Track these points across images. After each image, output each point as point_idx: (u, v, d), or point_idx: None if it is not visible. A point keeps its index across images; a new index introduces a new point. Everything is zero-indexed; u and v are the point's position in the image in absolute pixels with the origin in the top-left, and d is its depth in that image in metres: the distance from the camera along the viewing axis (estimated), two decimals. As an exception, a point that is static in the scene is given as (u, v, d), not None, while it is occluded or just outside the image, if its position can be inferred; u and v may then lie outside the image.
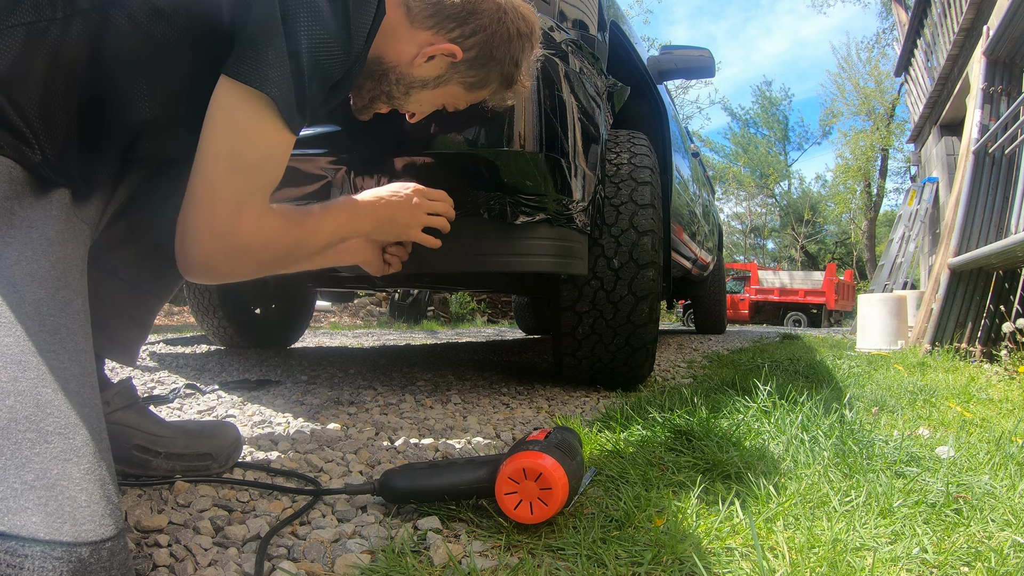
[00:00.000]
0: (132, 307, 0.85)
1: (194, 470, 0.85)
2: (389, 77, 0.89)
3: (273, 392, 1.59)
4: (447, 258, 1.36)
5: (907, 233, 7.08)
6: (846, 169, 22.70)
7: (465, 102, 0.99)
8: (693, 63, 2.55)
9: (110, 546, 0.46)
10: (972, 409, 1.54)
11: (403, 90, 0.91)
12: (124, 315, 0.85)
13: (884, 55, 20.81)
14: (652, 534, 0.67)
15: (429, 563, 0.61)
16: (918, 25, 6.70)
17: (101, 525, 0.46)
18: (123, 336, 0.85)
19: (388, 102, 0.93)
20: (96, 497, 0.47)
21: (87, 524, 0.46)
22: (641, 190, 1.64)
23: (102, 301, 0.82)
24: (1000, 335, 2.65)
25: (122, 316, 0.84)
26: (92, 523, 0.46)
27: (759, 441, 1.04)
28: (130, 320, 0.85)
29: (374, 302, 7.97)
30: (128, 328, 0.86)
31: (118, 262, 0.83)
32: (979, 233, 3.12)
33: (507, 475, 0.68)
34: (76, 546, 0.44)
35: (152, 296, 0.88)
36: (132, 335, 0.86)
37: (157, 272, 0.87)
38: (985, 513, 0.74)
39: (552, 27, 1.33)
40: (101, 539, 0.46)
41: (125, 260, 0.83)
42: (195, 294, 2.57)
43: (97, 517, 0.47)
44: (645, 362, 1.71)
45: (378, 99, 0.92)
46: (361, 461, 0.98)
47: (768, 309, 17.77)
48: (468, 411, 1.42)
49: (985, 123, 3.34)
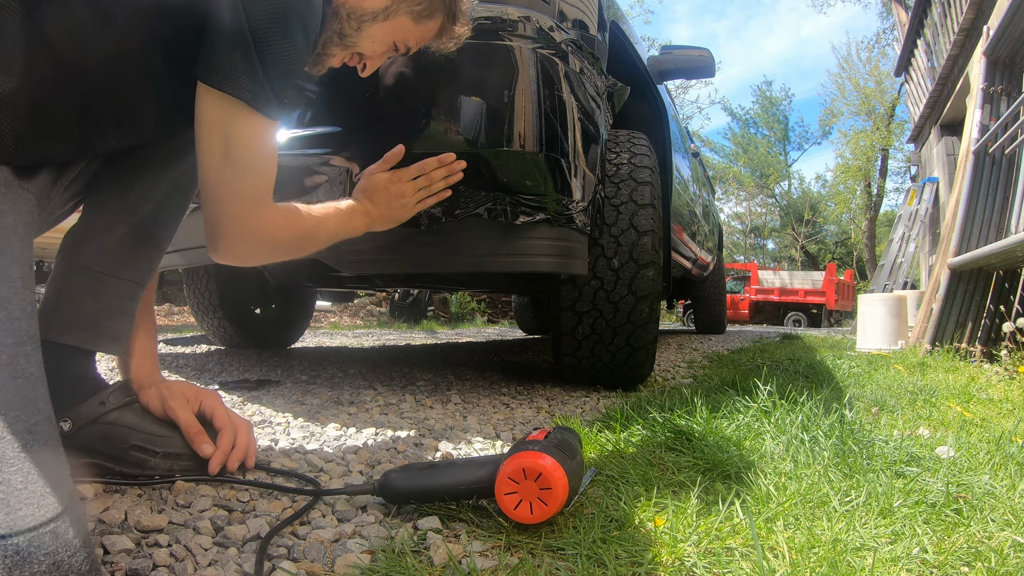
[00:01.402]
0: (114, 297, 0.85)
1: (193, 469, 0.85)
2: (340, 13, 0.90)
3: (273, 392, 1.59)
4: (447, 258, 1.37)
5: (907, 233, 7.09)
6: (846, 169, 22.72)
7: (415, 39, 1.00)
8: (693, 63, 2.55)
9: (53, 527, 0.43)
10: (972, 409, 1.54)
11: (355, 26, 0.92)
12: (106, 306, 0.84)
13: (884, 55, 20.84)
14: (652, 534, 0.67)
15: (429, 563, 0.61)
16: (918, 25, 6.70)
17: (41, 507, 0.43)
18: (110, 327, 0.85)
19: (341, 42, 0.93)
20: (34, 476, 0.44)
21: (24, 509, 0.42)
22: (641, 190, 1.64)
23: (82, 296, 0.82)
24: (1000, 335, 2.65)
25: (104, 307, 0.84)
26: (30, 506, 0.43)
27: (759, 441, 1.04)
28: (114, 310, 0.85)
29: (374, 302, 7.97)
30: (113, 319, 0.85)
31: (91, 256, 0.83)
32: (979, 233, 3.12)
33: (507, 475, 0.68)
34: (10, 537, 0.41)
35: (132, 283, 0.87)
36: (118, 324, 0.86)
37: (133, 259, 0.86)
38: (985, 513, 0.74)
39: (552, 27, 1.33)
40: (41, 522, 0.43)
41: (98, 252, 0.83)
42: (195, 294, 2.57)
43: (36, 498, 0.43)
44: (645, 362, 1.71)
45: (331, 41, 0.92)
46: (361, 461, 0.98)
47: (768, 309, 17.78)
48: (468, 411, 1.42)
49: (985, 123, 3.34)
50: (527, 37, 1.28)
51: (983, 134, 3.26)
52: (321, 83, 1.29)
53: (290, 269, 2.34)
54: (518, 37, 1.27)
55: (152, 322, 0.96)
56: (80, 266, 0.83)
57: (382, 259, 1.39)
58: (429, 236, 1.33)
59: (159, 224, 0.89)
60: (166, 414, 0.88)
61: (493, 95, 1.24)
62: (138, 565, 0.58)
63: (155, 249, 0.89)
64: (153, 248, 0.89)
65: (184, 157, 0.88)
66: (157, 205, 0.88)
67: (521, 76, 1.26)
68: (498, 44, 1.26)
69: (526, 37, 1.28)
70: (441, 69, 1.24)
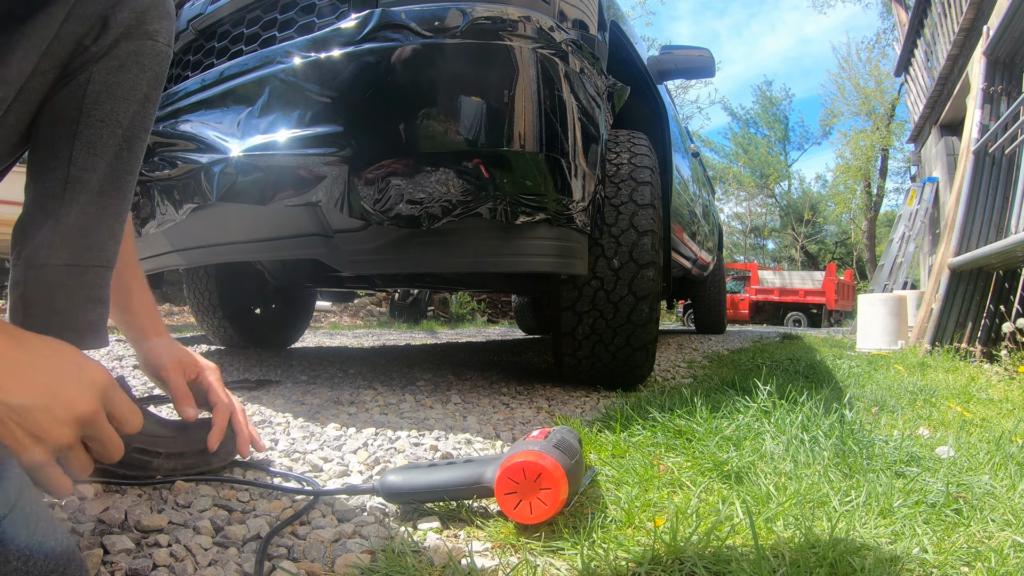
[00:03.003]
0: (82, 287, 0.78)
1: (195, 467, 0.85)
2: None
3: (273, 392, 1.59)
4: (447, 258, 1.37)
5: (907, 233, 7.09)
6: (846, 169, 22.72)
7: None
8: (693, 63, 2.55)
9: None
10: (972, 409, 1.54)
11: None
12: (77, 299, 0.78)
13: (884, 55, 20.85)
14: (652, 534, 0.67)
15: (429, 563, 0.61)
16: (918, 25, 6.71)
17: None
18: (86, 320, 0.80)
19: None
20: None
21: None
22: (641, 190, 1.64)
23: (48, 297, 0.77)
24: (1000, 335, 2.65)
25: (76, 302, 0.78)
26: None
27: (759, 441, 1.04)
28: (87, 300, 0.79)
29: (374, 302, 7.97)
30: (88, 310, 0.80)
31: (46, 250, 0.76)
32: (979, 233, 3.12)
33: (507, 475, 0.68)
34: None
35: (99, 268, 0.80)
36: (94, 316, 0.81)
37: (91, 240, 0.78)
38: (985, 513, 0.74)
39: (552, 27, 1.33)
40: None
41: (51, 243, 0.76)
42: (195, 294, 2.57)
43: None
44: (645, 362, 1.71)
45: None
46: (361, 461, 0.98)
47: (768, 309, 17.79)
48: (468, 411, 1.42)
49: (985, 123, 3.34)
50: (527, 37, 1.28)
51: (983, 134, 3.26)
52: (321, 83, 1.29)
53: (290, 269, 2.34)
54: (518, 37, 1.27)
55: (140, 274, 0.92)
56: (37, 265, 0.76)
57: (382, 259, 1.40)
58: (429, 236, 1.33)
59: (111, 192, 0.79)
60: (158, 373, 0.87)
61: (493, 95, 1.24)
62: (138, 565, 0.58)
63: (115, 221, 0.80)
64: (112, 221, 0.80)
65: (121, 104, 0.77)
66: (105, 172, 0.77)
67: (521, 76, 1.26)
68: (498, 44, 1.26)
69: (526, 37, 1.28)
70: (441, 69, 1.24)
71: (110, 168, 0.78)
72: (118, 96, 0.78)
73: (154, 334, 0.90)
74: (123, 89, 0.78)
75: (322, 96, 1.28)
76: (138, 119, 0.80)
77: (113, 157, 0.78)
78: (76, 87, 0.76)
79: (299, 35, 1.39)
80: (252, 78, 1.37)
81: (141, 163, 0.83)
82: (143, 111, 0.81)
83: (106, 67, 0.77)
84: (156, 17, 0.81)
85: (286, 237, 1.51)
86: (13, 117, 0.74)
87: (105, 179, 0.78)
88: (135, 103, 0.79)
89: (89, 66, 0.77)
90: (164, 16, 0.83)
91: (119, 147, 0.79)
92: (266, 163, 1.29)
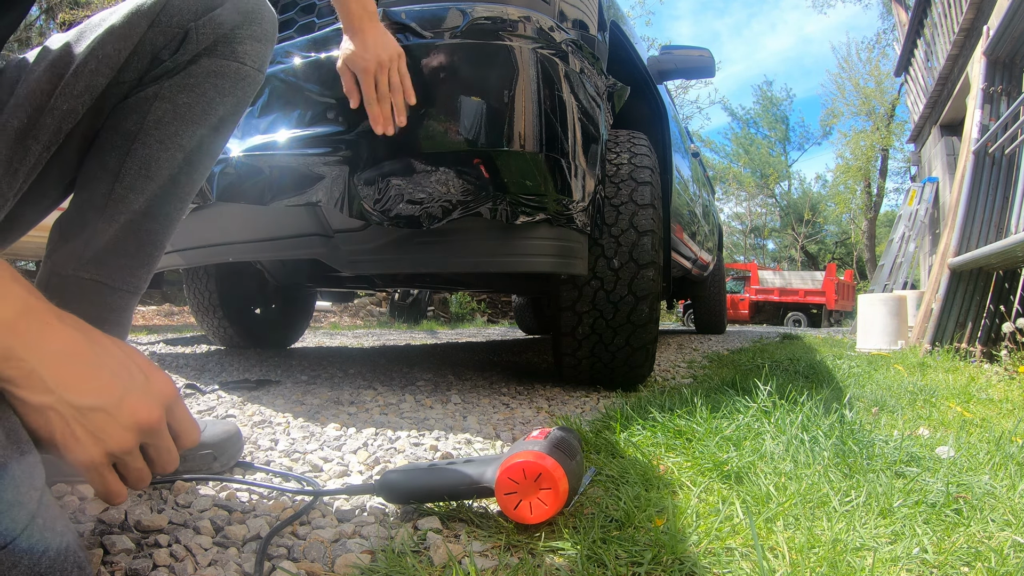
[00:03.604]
0: (104, 309, 0.73)
1: (196, 469, 0.85)
2: None
3: (273, 392, 1.59)
4: (447, 258, 1.37)
5: (907, 233, 7.09)
6: (846, 169, 22.73)
7: None
8: (693, 63, 2.55)
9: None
10: (972, 409, 1.54)
11: None
12: (96, 319, 0.72)
13: (884, 55, 20.86)
14: (652, 534, 0.67)
15: (429, 563, 0.61)
16: (918, 25, 6.71)
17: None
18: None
19: None
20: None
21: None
22: (641, 190, 1.64)
23: (65, 309, 0.72)
24: (1000, 335, 2.65)
25: (94, 320, 0.70)
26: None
27: (759, 441, 1.04)
28: (102, 323, 0.72)
29: (374, 302, 7.98)
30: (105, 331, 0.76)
31: (76, 261, 0.71)
32: (979, 233, 3.12)
33: (507, 475, 0.68)
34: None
35: (125, 293, 0.75)
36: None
37: (125, 263, 0.73)
38: (985, 513, 0.74)
39: (552, 27, 1.33)
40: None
41: (83, 255, 0.71)
42: (195, 294, 2.57)
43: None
44: (645, 362, 1.71)
45: None
46: (361, 461, 0.98)
47: (768, 309, 17.79)
48: (468, 411, 1.42)
49: (985, 123, 3.34)
50: (527, 37, 1.28)
51: (983, 134, 3.26)
52: (321, 83, 1.29)
53: (290, 269, 2.34)
54: (518, 37, 1.27)
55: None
56: (63, 274, 0.71)
57: (382, 259, 1.40)
58: (429, 236, 1.33)
59: (157, 217, 0.73)
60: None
61: (493, 95, 1.24)
62: (138, 565, 0.58)
63: (154, 249, 0.75)
64: (151, 248, 0.75)
65: (188, 127, 0.71)
66: (154, 194, 0.72)
67: (521, 76, 1.26)
68: (498, 44, 1.26)
69: (526, 37, 1.28)
70: (441, 69, 1.24)
71: (162, 192, 0.72)
72: (186, 118, 0.72)
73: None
74: (193, 112, 0.72)
75: (322, 96, 1.28)
76: (206, 145, 0.73)
77: (168, 181, 0.72)
78: (142, 100, 0.70)
79: (299, 35, 1.39)
80: (252, 78, 1.37)
81: (198, 191, 0.77)
82: (213, 137, 0.74)
83: (178, 84, 0.71)
84: (247, 37, 0.74)
85: (286, 237, 1.51)
86: (87, 122, 0.70)
87: (153, 202, 0.72)
88: (206, 128, 0.73)
89: (162, 80, 0.71)
90: (259, 38, 0.75)
91: (177, 171, 0.73)
92: (266, 163, 1.29)
